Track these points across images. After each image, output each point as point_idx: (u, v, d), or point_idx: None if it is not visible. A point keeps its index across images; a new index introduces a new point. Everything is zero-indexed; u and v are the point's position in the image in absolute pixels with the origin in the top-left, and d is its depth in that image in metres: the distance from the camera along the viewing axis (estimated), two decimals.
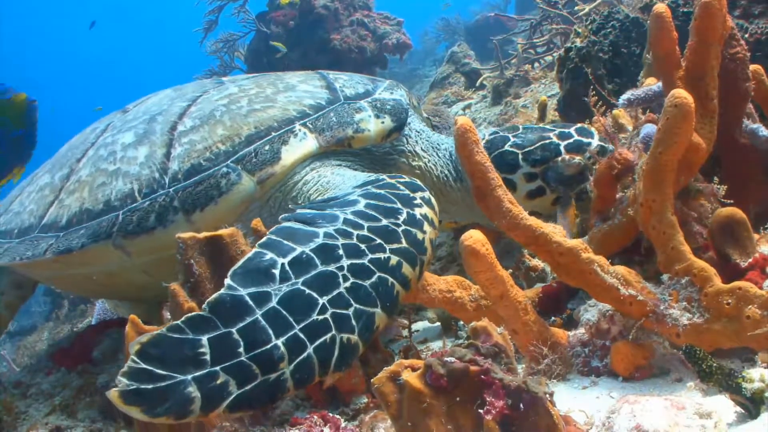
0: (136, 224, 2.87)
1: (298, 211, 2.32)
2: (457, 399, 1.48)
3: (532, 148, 3.08)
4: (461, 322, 2.84)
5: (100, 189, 3.03)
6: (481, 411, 1.44)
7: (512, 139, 3.16)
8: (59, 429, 2.77)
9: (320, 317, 1.92)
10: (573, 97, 4.41)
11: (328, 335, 1.89)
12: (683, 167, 2.22)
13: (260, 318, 1.85)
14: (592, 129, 3.08)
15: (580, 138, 3.08)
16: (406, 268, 2.16)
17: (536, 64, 7.70)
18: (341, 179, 2.85)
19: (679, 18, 2.69)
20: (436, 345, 2.86)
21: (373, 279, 2.07)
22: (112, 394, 1.61)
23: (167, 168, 2.94)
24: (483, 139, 3.17)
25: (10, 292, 3.80)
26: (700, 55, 2.31)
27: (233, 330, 1.81)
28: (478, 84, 8.25)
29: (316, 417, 1.90)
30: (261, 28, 9.97)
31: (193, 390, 1.66)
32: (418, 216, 2.32)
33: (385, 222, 2.25)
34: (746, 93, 2.52)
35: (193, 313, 1.83)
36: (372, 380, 1.56)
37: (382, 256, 2.14)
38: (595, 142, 3.00)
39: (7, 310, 3.83)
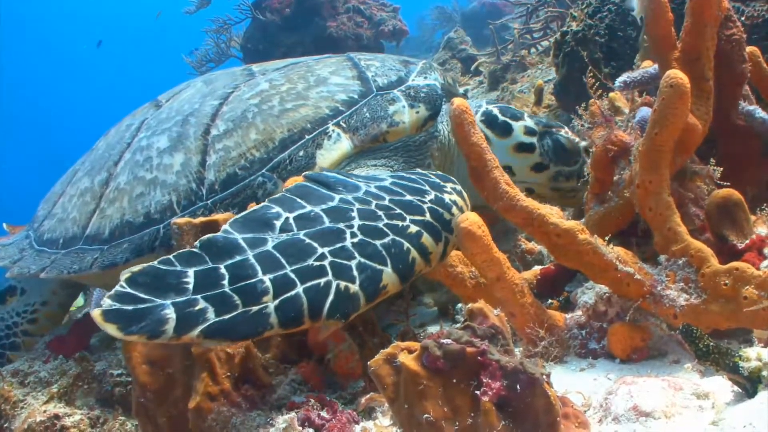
0: None
1: (324, 171, 2.28)
2: (454, 381, 1.47)
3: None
4: (458, 306, 2.84)
5: (140, 200, 3.03)
6: (477, 392, 1.44)
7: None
8: (57, 417, 2.77)
9: (316, 263, 1.86)
10: (569, 81, 4.41)
11: (323, 279, 1.83)
12: (679, 148, 2.21)
13: (251, 257, 1.83)
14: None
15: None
16: (427, 239, 2.07)
17: (533, 50, 7.68)
18: None
19: (675, 1, 2.68)
20: (434, 329, 2.85)
21: (386, 240, 1.99)
22: (95, 312, 1.62)
23: (203, 178, 2.92)
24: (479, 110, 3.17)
25: (60, 291, 3.91)
26: (695, 36, 2.30)
27: (221, 265, 1.79)
28: (473, 69, 8.23)
29: (313, 400, 1.90)
30: (257, 15, 9.93)
31: (169, 312, 1.64)
32: (447, 200, 2.25)
33: (409, 197, 2.19)
34: (742, 75, 2.51)
35: (185, 250, 1.83)
36: (368, 363, 1.56)
37: (400, 223, 2.07)
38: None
39: (60, 309, 3.96)
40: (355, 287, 1.86)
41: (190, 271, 1.76)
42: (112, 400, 2.90)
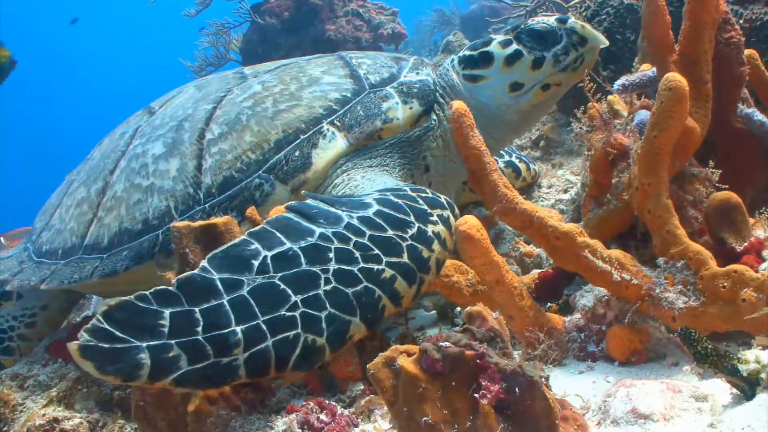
0: None
1: (308, 201, 2.28)
2: (453, 384, 1.47)
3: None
4: (457, 309, 2.84)
5: (137, 207, 3.03)
6: (476, 395, 1.44)
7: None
8: (57, 420, 2.77)
9: (288, 313, 1.90)
10: None
11: (292, 332, 1.87)
12: (678, 151, 2.21)
13: (226, 303, 1.86)
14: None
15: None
16: (400, 284, 2.09)
17: None
18: (371, 185, 2.78)
19: (673, 4, 2.68)
20: (433, 332, 2.85)
21: (358, 288, 2.02)
22: (72, 346, 1.65)
23: (200, 182, 2.91)
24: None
25: (60, 296, 3.88)
26: (693, 39, 2.30)
27: (196, 309, 1.82)
28: None
29: (312, 404, 1.90)
30: (256, 18, 9.92)
31: (144, 357, 1.69)
32: (430, 233, 2.24)
33: (390, 233, 2.19)
34: (741, 77, 2.51)
35: (162, 287, 1.85)
36: (368, 366, 1.56)
37: (375, 267, 2.08)
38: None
39: (59, 314, 3.95)
40: (321, 340, 1.91)
41: (167, 313, 1.80)
42: (112, 403, 2.89)
